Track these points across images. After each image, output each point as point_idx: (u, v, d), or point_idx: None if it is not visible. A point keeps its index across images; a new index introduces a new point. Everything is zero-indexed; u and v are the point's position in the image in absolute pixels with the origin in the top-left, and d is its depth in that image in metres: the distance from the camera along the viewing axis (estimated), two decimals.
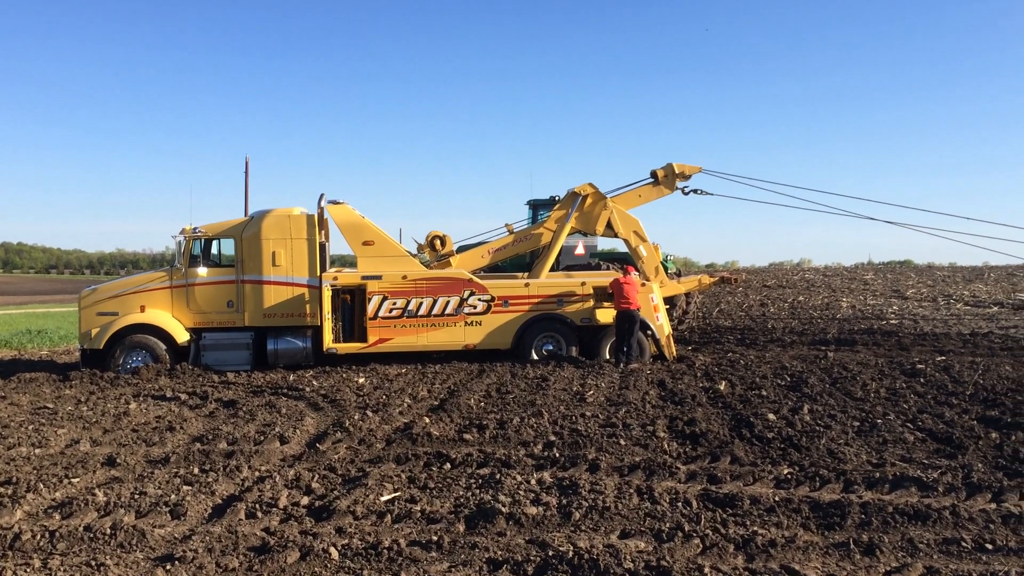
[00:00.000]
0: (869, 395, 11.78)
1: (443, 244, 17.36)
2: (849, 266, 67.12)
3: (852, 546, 5.92)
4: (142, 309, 15.39)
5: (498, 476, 7.70)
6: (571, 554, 5.69)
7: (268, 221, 15.61)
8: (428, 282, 15.81)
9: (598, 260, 22.17)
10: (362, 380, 13.81)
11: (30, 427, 10.40)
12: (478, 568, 5.62)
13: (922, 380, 12.94)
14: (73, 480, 7.90)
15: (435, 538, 6.07)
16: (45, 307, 46.63)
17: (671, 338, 16.38)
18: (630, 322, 15.29)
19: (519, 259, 19.36)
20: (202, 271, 15.49)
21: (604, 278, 16.41)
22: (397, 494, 7.26)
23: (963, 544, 5.97)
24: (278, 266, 15.51)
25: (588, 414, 10.53)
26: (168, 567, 5.66)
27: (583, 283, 16.18)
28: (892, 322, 23.70)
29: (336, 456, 8.74)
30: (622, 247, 18.68)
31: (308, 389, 12.98)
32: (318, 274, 15.62)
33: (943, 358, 15.53)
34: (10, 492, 7.39)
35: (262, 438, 9.57)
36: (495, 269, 18.60)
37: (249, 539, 6.18)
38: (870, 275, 49.40)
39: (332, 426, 10.20)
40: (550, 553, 5.75)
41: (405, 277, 15.71)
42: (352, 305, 15.94)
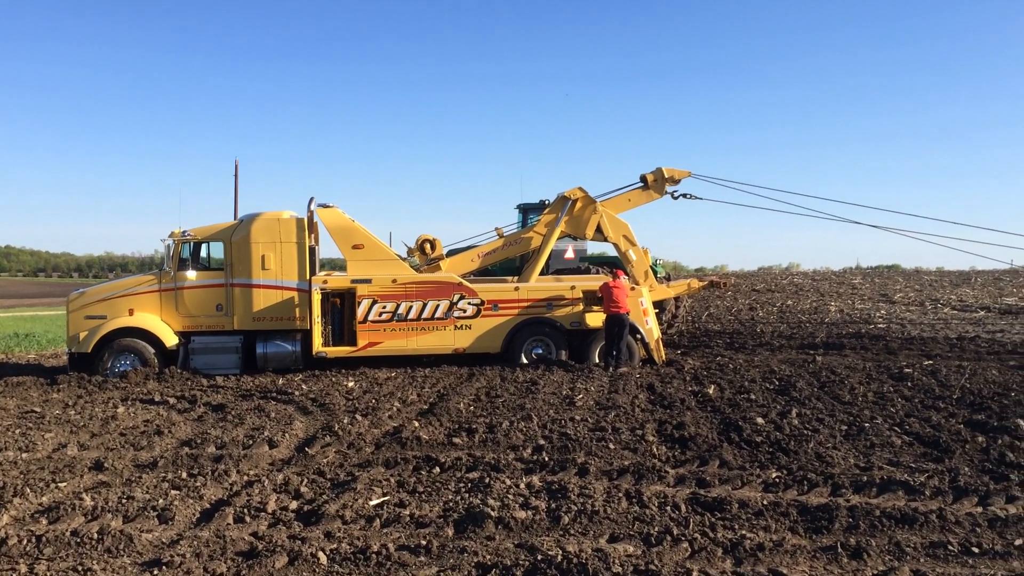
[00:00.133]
0: (857, 399, 11.83)
1: (433, 248, 17.35)
2: (837, 270, 67.56)
3: (840, 550, 5.95)
4: (131, 313, 15.33)
5: (487, 480, 7.70)
6: (560, 558, 5.70)
7: (257, 224, 15.57)
8: (418, 286, 15.80)
9: (588, 264, 22.18)
10: (351, 384, 13.80)
11: (17, 431, 10.34)
12: (467, 572, 5.62)
13: (909, 384, 13.01)
14: (60, 484, 7.85)
15: (424, 542, 6.07)
16: (33, 310, 46.39)
17: (660, 342, 16.41)
18: (619, 326, 15.32)
19: (509, 263, 19.37)
20: (191, 274, 15.45)
21: (594, 282, 16.42)
22: (386, 498, 7.25)
23: (950, 547, 6.00)
24: (267, 270, 15.47)
25: (577, 418, 10.54)
26: (156, 572, 5.64)
27: (573, 287, 16.20)
28: (880, 326, 23.83)
29: (325, 460, 8.73)
30: (612, 251, 18.71)
31: (297, 393, 12.95)
32: (308, 278, 15.59)
33: (930, 362, 15.61)
34: None
35: (251, 442, 9.54)
36: (485, 273, 18.60)
37: (237, 544, 6.16)
38: (858, 279, 49.72)
39: (321, 430, 10.18)
40: (539, 557, 5.75)
41: (395, 281, 15.70)
42: (342, 309, 15.91)
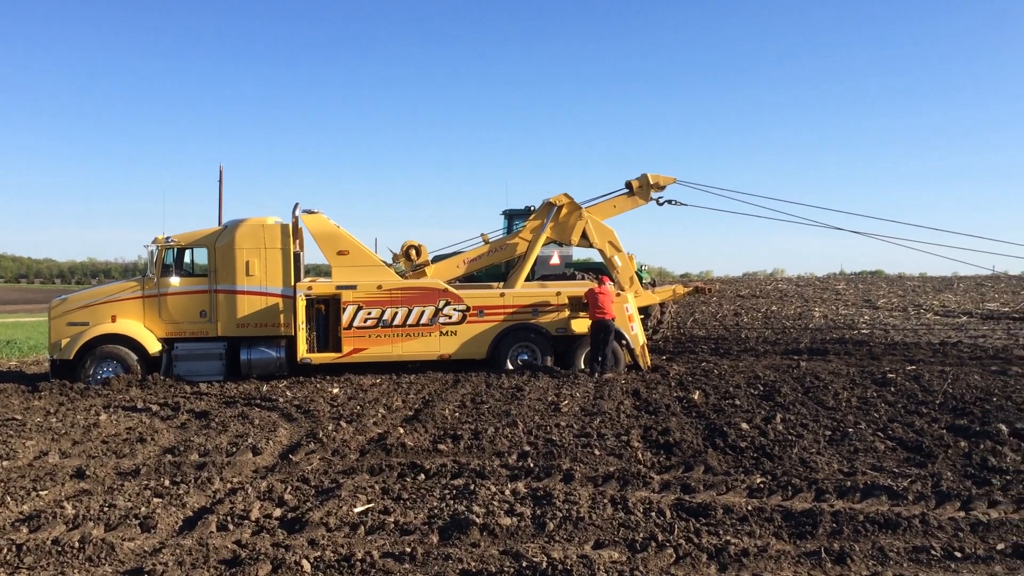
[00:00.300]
0: (841, 404, 11.89)
1: (418, 254, 17.34)
2: (821, 276, 67.93)
3: (823, 555, 5.98)
4: (113, 319, 15.23)
5: (472, 487, 7.69)
6: (545, 565, 5.69)
7: (242, 230, 15.51)
8: (403, 292, 15.77)
9: (573, 270, 22.24)
10: (336, 390, 13.75)
11: None
12: None
13: (892, 389, 13.09)
14: (41, 493, 7.79)
15: (408, 549, 6.05)
16: (15, 317, 45.97)
17: (646, 348, 16.44)
18: (605, 332, 15.34)
19: (494, 269, 19.37)
20: (174, 281, 15.36)
21: (579, 288, 16.45)
22: (370, 505, 7.23)
23: (932, 552, 6.04)
24: (252, 276, 15.40)
25: (563, 424, 10.54)
26: None
27: (558, 293, 16.22)
28: (863, 332, 23.96)
29: (309, 467, 8.68)
30: (597, 257, 18.75)
31: (282, 400, 12.89)
32: (292, 284, 15.53)
33: (913, 367, 15.71)
34: None
35: (234, 449, 9.49)
36: (470, 279, 18.59)
37: (220, 552, 6.12)
38: (842, 285, 50.01)
39: (305, 437, 10.13)
40: (524, 564, 5.74)
41: (380, 287, 15.67)
42: (327, 315, 15.86)
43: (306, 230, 16.10)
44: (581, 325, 15.94)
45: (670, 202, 17.51)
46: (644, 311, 19.61)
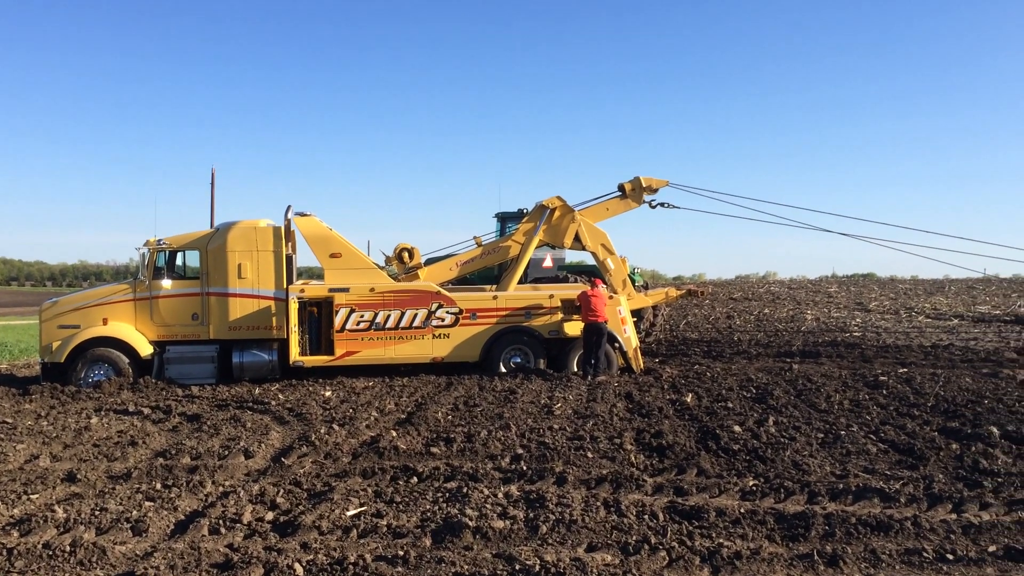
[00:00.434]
0: (833, 407, 11.92)
1: (411, 256, 17.32)
2: (814, 279, 68.02)
3: (816, 557, 5.99)
4: (104, 322, 15.16)
5: (465, 490, 7.68)
6: (538, 568, 5.69)
7: (234, 233, 15.47)
8: (396, 295, 15.76)
9: (566, 273, 22.24)
10: (329, 393, 13.72)
11: None
12: None
13: (884, 392, 13.12)
14: (32, 496, 7.75)
15: (401, 553, 6.04)
16: (5, 320, 45.75)
17: (638, 351, 16.46)
18: (598, 335, 15.35)
19: (487, 272, 19.37)
20: (166, 283, 15.30)
21: (572, 291, 16.45)
22: (363, 509, 7.21)
23: (924, 554, 6.06)
24: (244, 278, 15.36)
25: (556, 427, 10.54)
26: None
27: (551, 296, 16.22)
28: (855, 334, 24.04)
29: (302, 470, 8.66)
30: (590, 260, 18.77)
31: (274, 403, 12.86)
32: (285, 286, 15.50)
33: (905, 370, 15.76)
34: None
35: (226, 453, 9.46)
36: (463, 282, 18.59)
37: (212, 555, 6.10)
38: (834, 288, 50.13)
39: (298, 440, 10.11)
40: (517, 567, 5.74)
41: (373, 290, 15.65)
42: (319, 318, 15.83)
43: (298, 233, 16.08)
44: (574, 328, 15.95)
45: (663, 205, 17.53)
46: (637, 314, 19.63)
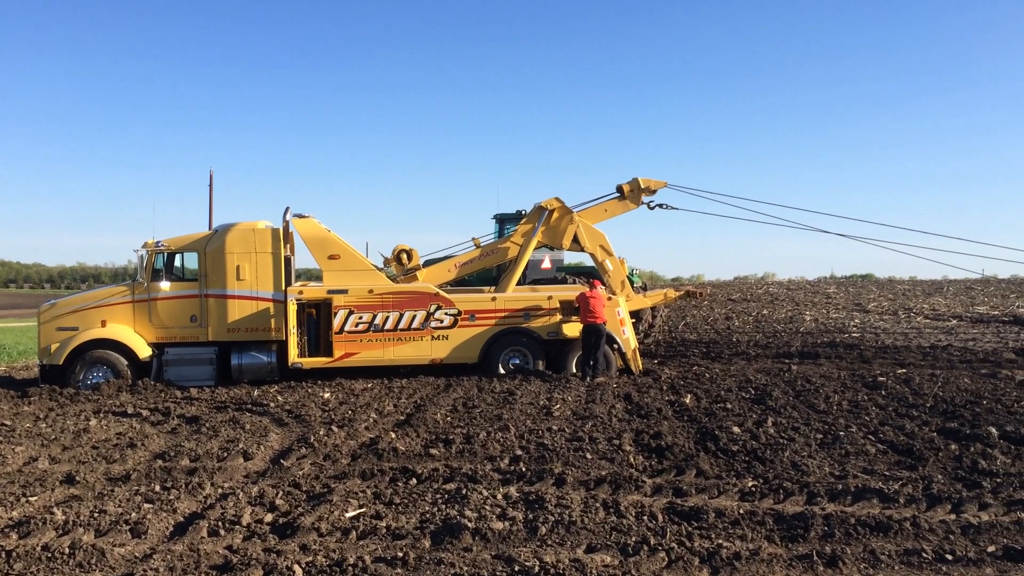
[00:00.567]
0: (832, 408, 11.92)
1: (409, 258, 17.32)
2: (812, 280, 68.07)
3: (815, 558, 5.99)
4: (103, 324, 15.15)
5: (464, 491, 7.68)
6: (537, 569, 5.69)
7: (232, 235, 15.46)
8: (394, 296, 15.75)
9: (564, 274, 22.24)
10: (327, 395, 13.71)
11: None
12: None
13: (883, 393, 13.13)
14: (31, 499, 7.74)
15: (400, 554, 6.03)
16: (4, 322, 45.69)
17: (637, 352, 16.46)
18: (596, 336, 15.35)
19: (486, 273, 19.37)
20: (165, 285, 15.29)
21: (570, 292, 16.45)
22: (362, 510, 7.21)
23: (924, 555, 6.06)
24: (242, 280, 15.35)
25: (555, 428, 10.54)
26: None
27: (550, 297, 16.22)
28: (854, 335, 24.05)
29: (301, 472, 8.66)
30: (588, 261, 18.75)
31: (273, 404, 12.85)
32: (283, 288, 15.49)
33: (904, 371, 15.77)
34: None
35: (225, 454, 9.45)
36: (462, 283, 18.58)
37: (211, 557, 6.09)
38: (833, 289, 50.19)
39: (297, 442, 10.10)
40: (516, 568, 5.74)
41: (371, 291, 15.64)
42: (318, 319, 15.82)
43: (297, 234, 16.08)
44: (573, 329, 15.95)
45: (661, 206, 17.54)
46: (635, 315, 19.63)
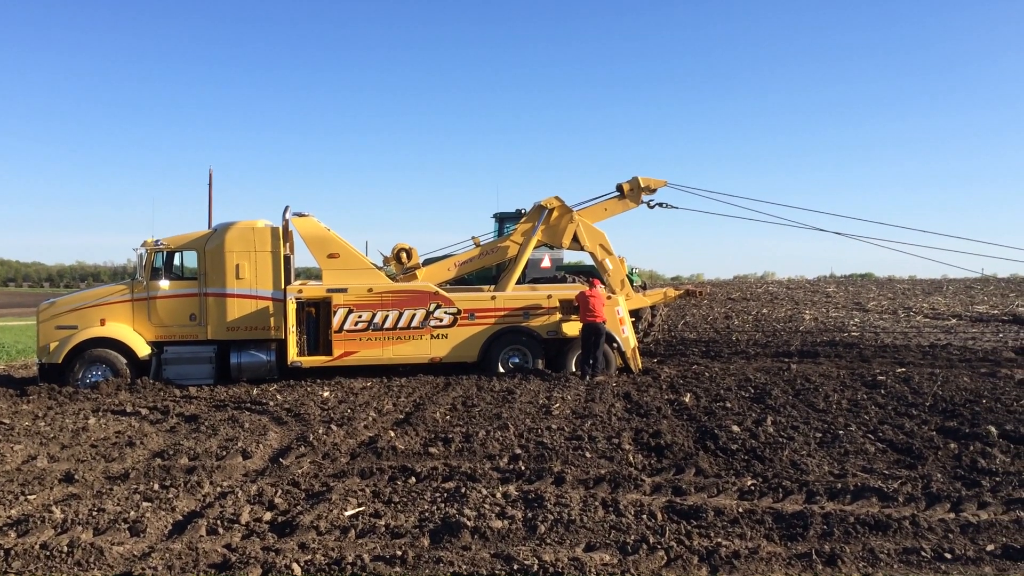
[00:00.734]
0: (831, 407, 11.92)
1: (409, 257, 17.31)
2: (812, 279, 68.13)
3: (814, 556, 5.99)
4: (102, 323, 15.14)
5: (463, 490, 7.67)
6: (536, 567, 5.69)
7: (232, 233, 15.45)
8: (394, 295, 15.75)
9: (564, 273, 22.24)
10: (327, 394, 13.71)
11: None
12: None
13: (883, 392, 13.13)
14: (29, 497, 7.74)
15: (399, 553, 6.03)
16: (3, 320, 45.66)
17: (637, 351, 16.45)
18: (596, 335, 15.35)
19: (485, 272, 19.36)
20: (164, 284, 15.28)
21: (570, 291, 16.44)
22: (361, 509, 7.20)
23: (923, 554, 6.06)
24: (242, 279, 15.35)
25: (554, 427, 10.54)
26: None
27: (549, 296, 16.22)
28: (853, 334, 24.04)
29: (300, 471, 8.65)
30: (588, 260, 18.76)
31: (272, 403, 12.84)
32: (283, 287, 15.48)
33: (903, 370, 15.77)
34: None
35: (224, 453, 9.45)
36: (461, 282, 18.57)
37: (210, 556, 6.09)
38: (832, 288, 50.17)
39: (296, 440, 10.10)
40: (515, 567, 5.74)
41: (371, 290, 15.64)
42: (317, 318, 15.82)
43: (296, 233, 16.07)
44: (572, 328, 15.94)
45: (661, 205, 17.54)
46: (635, 314, 19.65)
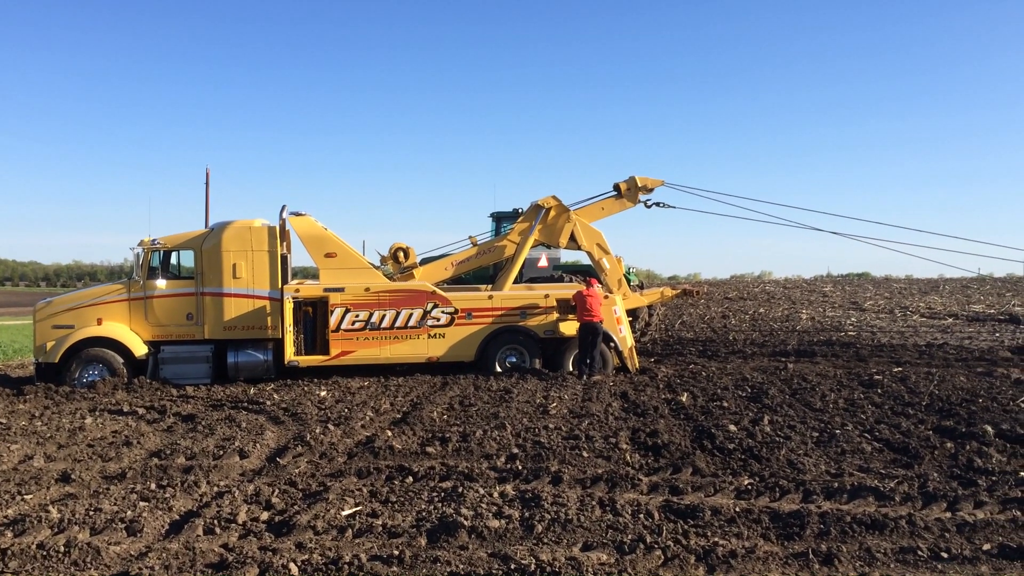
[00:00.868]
0: (828, 406, 11.94)
1: (406, 256, 17.31)
2: (809, 278, 68.17)
3: (811, 556, 6.00)
4: (99, 322, 15.12)
5: (460, 489, 7.67)
6: (533, 567, 5.69)
7: (229, 233, 15.44)
8: (391, 294, 15.74)
9: (561, 272, 22.25)
10: (324, 393, 13.70)
11: None
12: None
13: (879, 391, 13.14)
14: (26, 497, 7.73)
15: (396, 552, 6.03)
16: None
17: (634, 350, 16.46)
18: (593, 334, 15.35)
19: (483, 271, 19.37)
20: (161, 283, 15.26)
21: (567, 290, 16.46)
22: (358, 508, 7.20)
23: (919, 553, 6.07)
24: (239, 278, 15.33)
25: (551, 426, 10.54)
26: None
27: (546, 295, 16.21)
28: (850, 334, 24.06)
29: (297, 470, 8.65)
30: (585, 259, 18.76)
31: (269, 403, 12.83)
32: (280, 286, 15.47)
33: (900, 369, 15.79)
34: None
35: (221, 453, 9.45)
36: (459, 281, 18.58)
37: (207, 555, 6.09)
38: (829, 287, 50.22)
39: (293, 440, 10.09)
40: (512, 566, 5.74)
41: (368, 289, 15.63)
42: (314, 317, 15.80)
43: (293, 232, 16.05)
44: (569, 327, 15.94)
45: (658, 204, 17.54)
46: (632, 313, 19.66)
